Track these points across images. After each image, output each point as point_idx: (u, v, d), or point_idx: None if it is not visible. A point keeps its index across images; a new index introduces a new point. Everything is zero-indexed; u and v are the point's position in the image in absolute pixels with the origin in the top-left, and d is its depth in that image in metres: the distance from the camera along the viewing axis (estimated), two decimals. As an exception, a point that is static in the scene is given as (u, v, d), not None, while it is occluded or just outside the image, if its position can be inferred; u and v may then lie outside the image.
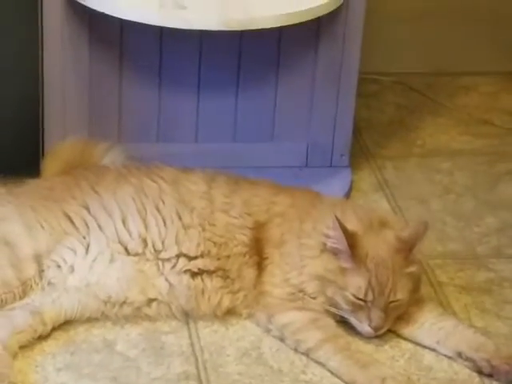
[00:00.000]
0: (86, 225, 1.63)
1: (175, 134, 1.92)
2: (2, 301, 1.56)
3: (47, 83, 1.81)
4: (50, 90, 1.81)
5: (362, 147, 2.08)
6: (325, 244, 1.61)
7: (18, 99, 1.79)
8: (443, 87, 2.30)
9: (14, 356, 1.51)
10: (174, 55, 1.87)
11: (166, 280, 1.62)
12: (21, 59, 1.77)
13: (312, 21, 1.80)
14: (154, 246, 1.63)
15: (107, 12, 1.73)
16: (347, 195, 1.93)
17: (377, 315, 1.57)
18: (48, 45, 1.78)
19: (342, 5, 1.84)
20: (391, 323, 1.60)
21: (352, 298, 1.57)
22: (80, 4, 1.75)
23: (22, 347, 1.54)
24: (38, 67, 1.78)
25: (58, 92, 1.82)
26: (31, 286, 1.59)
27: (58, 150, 1.79)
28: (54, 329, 1.58)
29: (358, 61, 1.92)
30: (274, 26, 1.76)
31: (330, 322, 1.60)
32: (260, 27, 1.75)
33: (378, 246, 1.59)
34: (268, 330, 1.62)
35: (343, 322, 1.61)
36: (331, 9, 1.81)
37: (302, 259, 1.63)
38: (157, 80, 1.88)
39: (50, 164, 1.77)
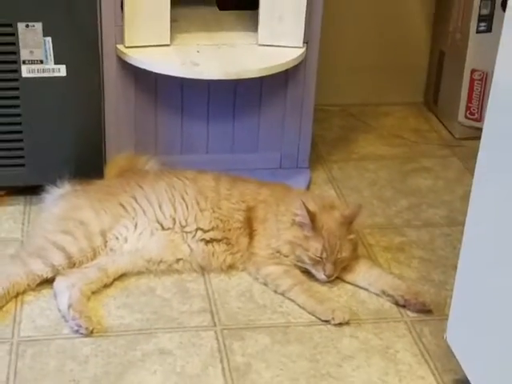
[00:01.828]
0: (135, 210, 1.62)
1: (193, 148, 1.90)
2: (79, 262, 1.55)
3: (107, 114, 1.79)
4: (109, 119, 1.79)
5: (318, 155, 2.06)
6: (294, 220, 1.60)
7: (89, 127, 1.77)
8: (370, 113, 2.28)
9: (88, 299, 1.51)
10: (190, 95, 1.85)
11: (189, 246, 1.61)
12: (90, 100, 1.75)
13: (283, 71, 1.80)
14: (180, 223, 1.62)
15: (147, 68, 1.72)
16: (308, 187, 1.92)
17: (329, 267, 1.57)
18: (107, 88, 1.76)
19: (302, 60, 1.82)
20: (338, 272, 1.60)
21: (312, 255, 1.57)
22: (128, 63, 1.74)
23: (93, 293, 1.54)
24: (100, 106, 1.77)
25: (113, 121, 1.80)
26: (99, 252, 1.58)
27: (115, 160, 1.78)
28: (114, 280, 1.57)
29: (314, 97, 1.90)
30: (258, 75, 1.75)
31: (298, 272, 1.60)
32: (249, 76, 1.74)
33: (329, 221, 1.58)
34: (256, 279, 1.61)
35: (306, 272, 1.60)
36: (296, 63, 1.80)
37: (279, 230, 1.62)
38: (179, 112, 1.86)
39: (110, 170, 1.76)
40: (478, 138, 1.26)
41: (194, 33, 1.83)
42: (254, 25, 1.81)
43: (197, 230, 1.62)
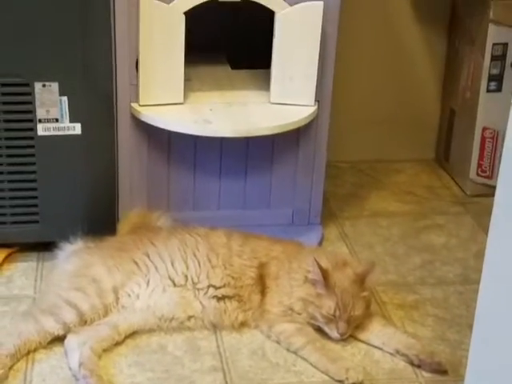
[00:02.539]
0: (147, 267, 1.61)
1: (205, 204, 1.90)
2: (91, 319, 1.54)
3: (120, 172, 1.79)
4: (122, 176, 1.80)
5: (329, 211, 2.05)
6: (306, 277, 1.59)
7: (102, 183, 1.77)
8: (382, 170, 2.28)
9: (99, 357, 1.49)
10: (203, 152, 1.85)
11: (200, 303, 1.60)
12: (104, 157, 1.76)
13: (294, 129, 1.80)
14: (192, 280, 1.61)
15: (160, 126, 1.74)
16: (320, 244, 1.91)
17: (342, 325, 1.55)
18: (121, 146, 1.77)
19: (313, 118, 1.83)
20: (352, 331, 1.58)
21: (325, 313, 1.55)
22: (142, 121, 1.75)
23: (105, 350, 1.52)
24: (114, 163, 1.78)
25: (127, 178, 1.81)
26: (110, 309, 1.57)
27: (128, 217, 1.78)
28: (125, 337, 1.56)
29: (325, 154, 1.90)
30: (270, 133, 1.76)
31: (311, 330, 1.58)
32: (260, 134, 1.76)
33: (342, 279, 1.57)
34: (269, 336, 1.59)
35: (319, 330, 1.58)
36: (307, 121, 1.81)
37: (291, 287, 1.61)
38: (192, 168, 1.86)
39: (123, 226, 1.76)
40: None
41: (206, 91, 1.85)
42: (265, 83, 1.83)
43: (209, 286, 1.61)
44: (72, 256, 1.66)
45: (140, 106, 1.74)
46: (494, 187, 1.25)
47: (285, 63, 1.78)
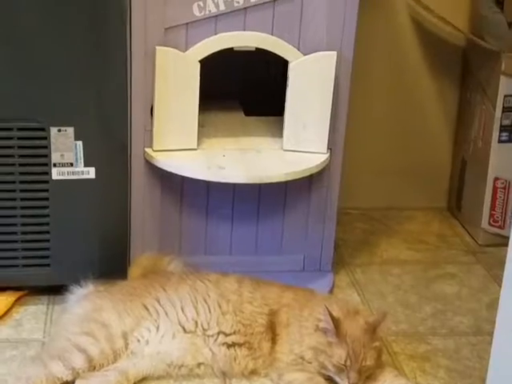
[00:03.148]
0: (157, 312, 1.60)
1: (217, 249, 1.89)
2: (100, 365, 1.53)
3: (133, 216, 1.79)
4: (134, 220, 1.80)
5: (341, 258, 2.04)
6: (317, 325, 1.57)
7: (114, 228, 1.77)
8: (394, 217, 2.28)
9: (108, 403, 1.48)
10: (216, 197, 1.85)
11: (210, 350, 1.58)
12: (117, 202, 1.76)
13: (307, 176, 1.81)
14: (202, 326, 1.59)
15: (174, 172, 1.74)
16: (331, 291, 1.89)
17: (353, 375, 1.52)
18: (134, 190, 1.78)
19: (326, 166, 1.84)
20: (363, 381, 1.54)
21: (336, 363, 1.53)
22: (156, 167, 1.76)
23: (114, 396, 1.50)
24: (127, 208, 1.78)
25: (139, 222, 1.81)
26: (120, 354, 1.55)
27: (139, 261, 1.78)
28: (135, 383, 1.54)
29: (337, 201, 1.90)
30: (282, 180, 1.77)
31: (321, 379, 1.55)
32: (273, 181, 1.76)
33: (354, 328, 1.55)
34: (279, 385, 1.57)
35: (330, 380, 1.56)
36: (319, 169, 1.81)
37: (302, 336, 1.59)
38: (204, 213, 1.86)
39: (134, 270, 1.75)
40: (502, 244, 1.26)
41: (220, 138, 1.85)
42: (279, 130, 1.84)
43: (219, 333, 1.59)
44: (82, 300, 1.65)
45: (154, 151, 1.75)
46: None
47: (298, 111, 1.79)
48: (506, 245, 1.22)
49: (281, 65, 1.80)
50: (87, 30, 1.61)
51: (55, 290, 1.75)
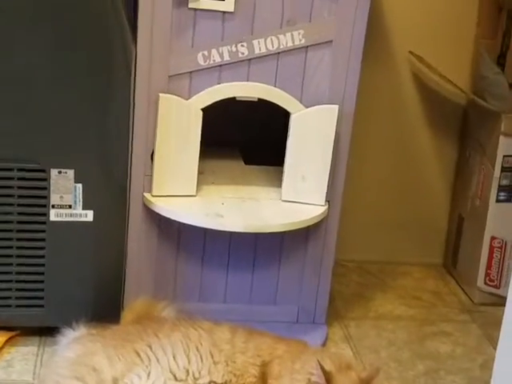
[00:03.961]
0: (149, 358, 1.58)
1: (211, 296, 1.88)
2: (89, 409, 1.52)
3: (129, 260, 1.79)
4: (130, 264, 1.79)
5: (335, 310, 2.03)
6: (309, 379, 1.54)
7: (109, 271, 1.77)
8: (389, 272, 2.27)
9: None
10: (212, 245, 1.85)
11: (201, 398, 1.57)
12: (113, 246, 1.76)
13: (304, 227, 1.81)
14: (193, 375, 1.57)
15: (172, 218, 1.74)
16: (324, 344, 1.88)
17: (343, 431, 1.51)
18: (131, 234, 1.77)
19: (324, 218, 1.84)
20: None
21: (327, 417, 1.52)
22: (154, 212, 1.76)
23: None
24: (123, 252, 1.77)
25: (134, 266, 1.80)
26: (109, 400, 1.54)
27: (133, 306, 1.76)
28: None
29: (333, 253, 1.90)
30: (279, 230, 1.77)
31: (311, 432, 1.54)
32: (270, 231, 1.76)
33: (346, 383, 1.53)
34: None
35: None
36: (317, 221, 1.82)
37: (293, 388, 1.58)
38: (200, 260, 1.86)
39: (127, 315, 1.74)
40: (498, 304, 1.26)
41: (219, 185, 1.86)
42: (278, 180, 1.85)
43: (210, 383, 1.57)
44: (74, 343, 1.63)
45: (153, 196, 1.76)
46: (501, 297, 1.24)
47: (298, 163, 1.80)
48: (502, 304, 1.22)
49: (282, 115, 1.82)
50: (91, 75, 1.62)
51: (47, 331, 1.74)
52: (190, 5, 1.66)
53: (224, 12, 1.68)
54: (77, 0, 1.57)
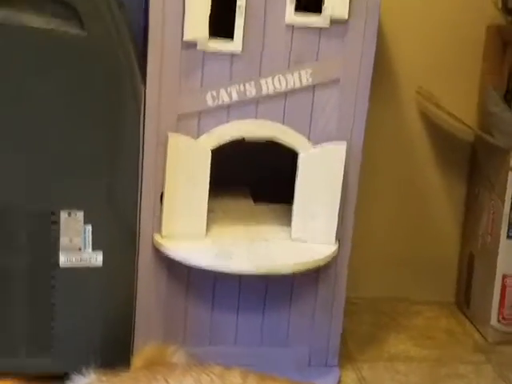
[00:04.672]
0: (160, 405, 1.55)
1: (221, 339, 1.84)
2: None
3: (138, 304, 1.75)
4: (139, 308, 1.76)
5: (347, 351, 1.99)
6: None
7: (119, 316, 1.74)
8: (401, 311, 2.23)
9: None
10: (222, 287, 1.81)
11: None
12: (123, 290, 1.73)
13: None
14: (204, 419, 1.54)
15: (181, 260, 1.71)
16: (337, 387, 1.85)
17: None
18: (140, 276, 1.74)
19: (333, 258, 1.80)
20: None
21: None
22: (163, 254, 1.73)
23: None
24: (132, 296, 1.74)
25: (144, 310, 1.76)
26: None
27: (142, 352, 1.72)
28: None
29: (344, 293, 1.86)
30: (290, 271, 1.74)
31: None
32: (281, 273, 1.73)
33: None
34: None
35: None
36: (328, 260, 1.79)
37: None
38: (210, 302, 1.82)
39: (137, 360, 1.69)
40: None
41: (229, 225, 1.83)
42: (287, 219, 1.82)
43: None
44: (83, 389, 1.59)
45: (162, 237, 1.73)
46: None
47: (307, 202, 1.77)
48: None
49: (291, 153, 1.80)
50: (101, 117, 1.61)
51: (56, 378, 1.69)
52: (199, 47, 1.66)
53: (232, 53, 1.67)
54: (86, 42, 1.56)
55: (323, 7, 1.66)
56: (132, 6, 1.81)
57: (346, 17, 1.68)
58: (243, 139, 1.73)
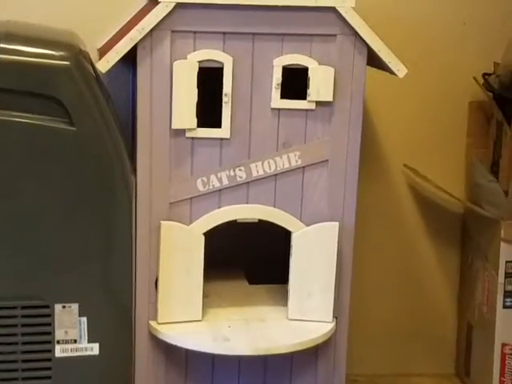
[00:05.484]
0: None
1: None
2: None
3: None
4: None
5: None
6: None
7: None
8: (402, 385, 2.20)
9: None
10: (221, 369, 1.79)
11: None
12: (120, 378, 1.71)
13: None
14: None
15: (178, 345, 1.69)
16: None
17: None
18: (138, 364, 1.71)
19: (331, 335, 1.78)
20: None
21: None
22: (160, 340, 1.71)
23: None
24: (130, 380, 1.72)
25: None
26: None
27: None
28: None
29: (344, 370, 1.83)
30: (288, 351, 1.71)
31: None
32: (279, 353, 1.70)
33: None
34: None
35: None
36: (325, 338, 1.76)
37: None
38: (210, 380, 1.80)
39: None
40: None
41: (224, 307, 1.82)
42: (283, 298, 1.80)
43: None
44: None
45: (158, 323, 1.71)
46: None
47: (302, 281, 1.76)
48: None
49: (283, 233, 1.80)
50: (92, 207, 1.61)
51: None
52: (188, 134, 1.68)
53: (221, 139, 1.69)
54: (75, 137, 1.57)
55: (308, 92, 1.69)
56: (120, 95, 1.85)
57: (331, 99, 1.70)
58: (235, 220, 1.74)
